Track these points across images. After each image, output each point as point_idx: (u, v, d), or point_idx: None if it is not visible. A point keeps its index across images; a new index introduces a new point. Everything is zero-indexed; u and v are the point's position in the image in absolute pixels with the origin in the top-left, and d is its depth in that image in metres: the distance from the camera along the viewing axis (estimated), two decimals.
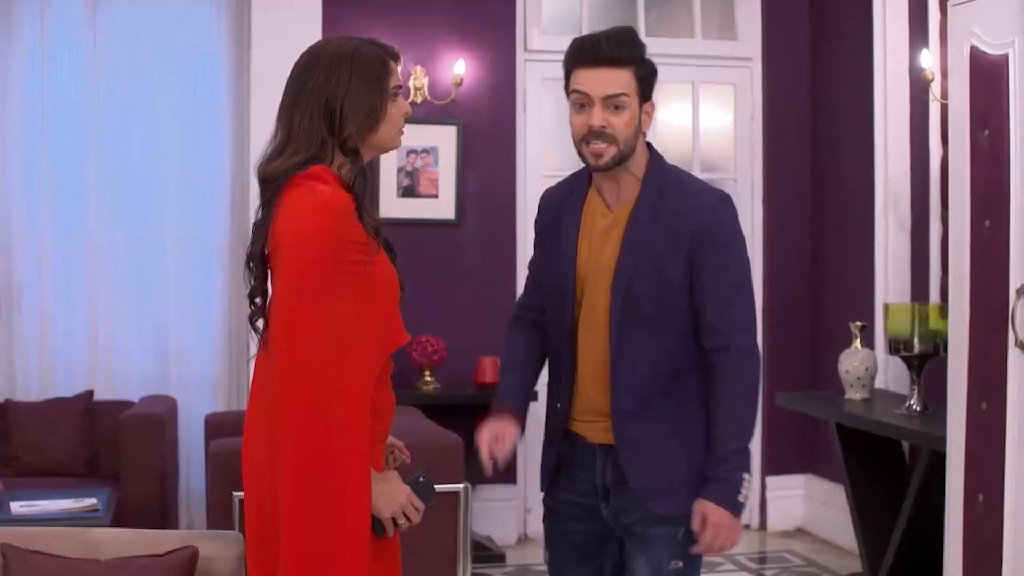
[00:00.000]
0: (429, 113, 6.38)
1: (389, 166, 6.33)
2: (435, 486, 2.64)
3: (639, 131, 2.83)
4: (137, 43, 6.21)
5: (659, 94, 7.24)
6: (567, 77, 2.84)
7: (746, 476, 2.78)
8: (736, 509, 2.78)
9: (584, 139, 2.80)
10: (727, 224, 2.83)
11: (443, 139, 6.42)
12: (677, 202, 2.82)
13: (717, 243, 2.80)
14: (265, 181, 2.50)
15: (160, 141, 6.25)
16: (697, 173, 5.73)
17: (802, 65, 6.79)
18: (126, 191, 6.23)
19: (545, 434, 3.02)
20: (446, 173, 6.43)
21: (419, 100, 6.33)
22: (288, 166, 2.47)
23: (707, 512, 2.76)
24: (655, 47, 6.87)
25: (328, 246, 2.40)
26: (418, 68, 6.35)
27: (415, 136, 6.33)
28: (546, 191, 3.06)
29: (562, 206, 2.95)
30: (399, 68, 2.61)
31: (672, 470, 2.82)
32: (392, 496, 2.50)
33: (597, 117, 2.77)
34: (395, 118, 2.56)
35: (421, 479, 2.59)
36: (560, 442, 2.94)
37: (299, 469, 2.38)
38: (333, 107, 2.48)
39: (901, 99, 5.86)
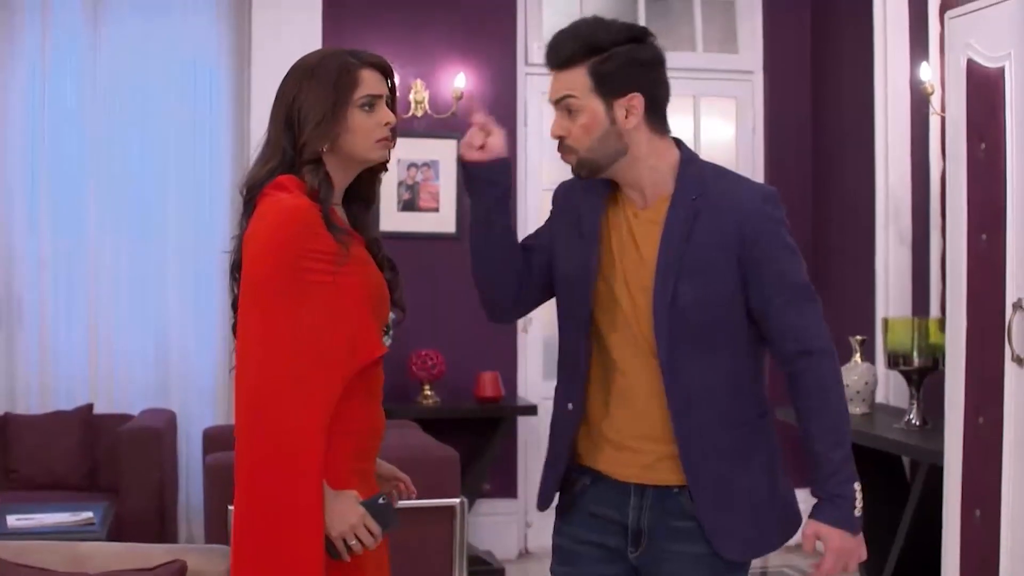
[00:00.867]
0: (429, 127, 6.38)
1: (389, 180, 6.32)
2: (430, 501, 2.55)
3: (613, 132, 2.52)
4: (138, 56, 6.23)
5: None
6: None
7: (857, 486, 2.51)
8: (856, 527, 2.50)
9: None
10: (777, 222, 2.54)
11: (443, 153, 6.41)
12: (722, 199, 2.53)
13: (772, 244, 2.53)
14: (245, 191, 2.51)
15: (161, 154, 6.26)
16: None
17: (803, 78, 6.79)
18: (127, 204, 6.24)
19: (550, 440, 2.70)
20: (446, 187, 6.43)
21: (419, 114, 6.33)
22: (260, 176, 2.49)
23: (826, 537, 2.48)
24: None
25: (283, 255, 2.39)
26: (418, 82, 6.35)
27: (415, 150, 6.34)
28: (563, 182, 2.77)
29: (586, 192, 2.65)
30: (389, 78, 2.56)
31: (742, 509, 2.54)
32: (342, 515, 2.38)
33: (554, 126, 2.56)
34: (364, 128, 2.49)
35: (380, 501, 2.46)
36: (563, 460, 2.63)
37: (248, 481, 2.36)
38: (292, 117, 2.48)
39: (902, 112, 5.85)
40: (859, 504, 2.50)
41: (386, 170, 2.64)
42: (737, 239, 2.51)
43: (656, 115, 2.56)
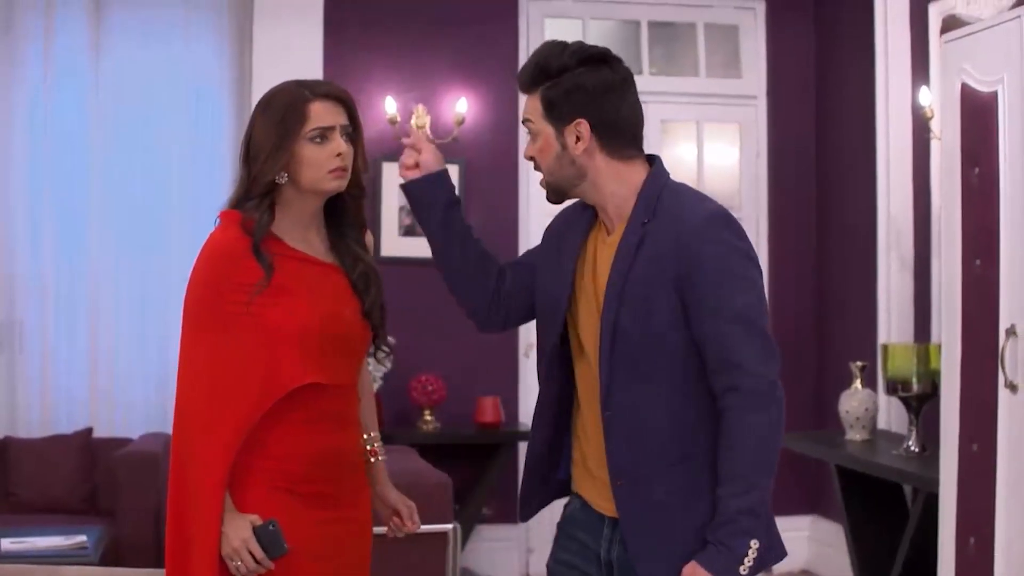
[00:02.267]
0: None
1: (391, 205, 6.32)
2: (423, 527, 2.59)
3: (566, 157, 2.51)
4: (140, 81, 6.24)
5: (664, 132, 7.18)
6: None
7: (754, 544, 2.33)
8: None
9: None
10: (718, 243, 2.40)
11: None
12: (664, 222, 2.44)
13: (707, 267, 2.38)
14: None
15: (163, 179, 6.26)
16: None
17: (807, 103, 6.77)
18: (128, 229, 6.24)
19: (534, 444, 2.64)
20: None
21: None
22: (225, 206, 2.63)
23: None
24: (660, 85, 6.85)
25: (201, 288, 2.55)
26: (420, 107, 6.34)
27: None
28: (564, 208, 2.72)
29: (569, 222, 2.65)
30: (347, 107, 2.59)
31: (681, 553, 2.39)
32: (227, 536, 2.48)
33: (526, 148, 2.61)
34: (315, 161, 2.54)
35: (270, 527, 2.51)
36: (551, 468, 2.63)
37: (168, 497, 2.53)
38: (247, 151, 2.58)
39: (903, 137, 5.82)
40: (749, 563, 2.33)
41: (364, 195, 2.70)
42: (673, 261, 2.41)
43: (613, 139, 2.51)
